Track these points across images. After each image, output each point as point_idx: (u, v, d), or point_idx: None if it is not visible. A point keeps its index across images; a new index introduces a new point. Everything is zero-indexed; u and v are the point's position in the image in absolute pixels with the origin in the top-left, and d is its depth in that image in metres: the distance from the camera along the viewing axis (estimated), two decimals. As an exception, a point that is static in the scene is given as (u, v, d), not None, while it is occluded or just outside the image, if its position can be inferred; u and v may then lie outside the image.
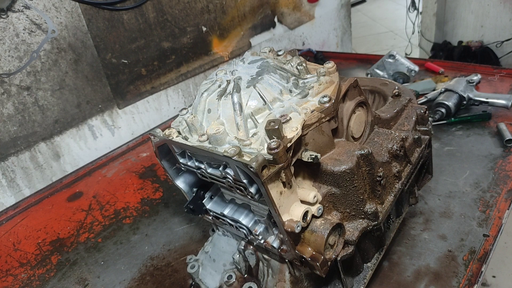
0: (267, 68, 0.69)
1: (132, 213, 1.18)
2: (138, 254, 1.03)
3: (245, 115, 0.62)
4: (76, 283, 0.97)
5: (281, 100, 0.65)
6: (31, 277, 1.01)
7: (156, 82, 1.61)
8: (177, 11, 1.59)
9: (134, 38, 1.48)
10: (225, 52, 1.83)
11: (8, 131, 1.25)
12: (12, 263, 1.06)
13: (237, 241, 0.81)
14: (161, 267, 0.98)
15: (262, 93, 0.64)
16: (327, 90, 0.67)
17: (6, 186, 1.29)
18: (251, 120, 0.62)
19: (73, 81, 1.36)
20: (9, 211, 1.25)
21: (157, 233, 1.09)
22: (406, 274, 0.83)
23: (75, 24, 1.32)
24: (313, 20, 2.32)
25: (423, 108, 0.85)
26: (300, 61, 0.71)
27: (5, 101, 1.22)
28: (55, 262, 1.05)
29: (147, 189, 1.27)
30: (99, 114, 1.47)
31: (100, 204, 1.24)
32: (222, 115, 0.64)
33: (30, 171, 1.33)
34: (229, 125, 0.63)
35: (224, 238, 0.84)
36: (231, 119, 0.63)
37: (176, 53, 1.64)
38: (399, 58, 1.60)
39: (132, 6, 1.44)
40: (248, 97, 0.63)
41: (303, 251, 0.65)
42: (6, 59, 1.19)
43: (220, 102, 0.65)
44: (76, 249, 1.08)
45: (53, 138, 1.37)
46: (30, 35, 1.22)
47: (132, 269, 0.98)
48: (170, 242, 1.05)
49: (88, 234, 1.12)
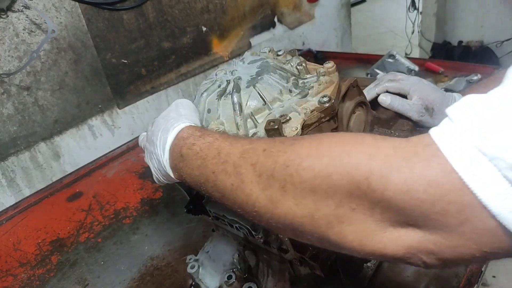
0: (267, 68, 0.69)
1: (132, 213, 1.18)
2: (138, 254, 1.03)
3: (245, 115, 0.63)
4: (76, 283, 0.97)
5: (281, 100, 0.65)
6: (31, 277, 1.01)
7: (156, 82, 1.61)
8: (177, 11, 1.59)
9: (134, 38, 1.48)
10: (225, 52, 1.83)
11: (8, 131, 1.25)
12: (12, 263, 1.06)
13: (236, 241, 0.81)
14: (161, 267, 0.98)
15: (262, 93, 0.64)
16: (327, 90, 0.67)
17: (6, 186, 1.29)
18: (251, 120, 0.63)
19: (73, 81, 1.36)
20: (9, 211, 1.25)
21: (157, 233, 1.09)
22: (406, 274, 0.83)
23: (75, 24, 1.32)
24: (313, 20, 2.32)
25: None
26: (300, 61, 0.71)
27: (5, 101, 1.22)
28: (55, 262, 1.05)
29: (147, 189, 1.27)
30: (99, 114, 1.47)
31: (100, 204, 1.24)
32: (222, 115, 0.64)
33: (30, 171, 1.33)
34: (229, 125, 0.63)
35: (224, 238, 0.84)
36: (231, 119, 0.63)
37: (176, 53, 1.64)
38: (399, 58, 1.60)
39: (132, 6, 1.44)
40: (248, 97, 0.64)
41: (303, 251, 0.65)
42: (6, 59, 1.19)
43: (220, 102, 0.65)
44: (76, 249, 1.08)
45: (53, 138, 1.37)
46: (30, 35, 1.22)
47: (132, 269, 0.98)
48: (170, 242, 1.05)
49: (88, 234, 1.12)
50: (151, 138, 0.62)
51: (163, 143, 0.58)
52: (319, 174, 0.39)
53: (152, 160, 0.63)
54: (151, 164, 0.64)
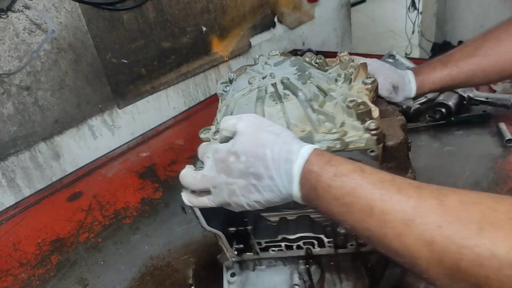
0: (301, 64, 0.70)
1: (132, 213, 1.18)
2: (138, 254, 1.03)
3: (316, 109, 0.62)
4: (76, 283, 0.97)
5: (333, 90, 0.66)
6: (31, 277, 1.01)
7: (156, 82, 1.61)
8: (177, 11, 1.59)
9: (134, 38, 1.48)
10: (225, 52, 1.83)
11: (8, 131, 1.25)
12: (12, 263, 1.06)
13: (292, 264, 0.74)
14: (161, 267, 0.98)
15: (320, 85, 0.65)
16: (359, 73, 0.72)
17: (6, 186, 1.29)
18: (322, 114, 0.62)
19: (73, 81, 1.36)
20: (9, 211, 1.26)
21: (157, 233, 1.09)
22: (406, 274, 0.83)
23: (75, 24, 1.32)
24: (313, 20, 2.32)
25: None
26: (315, 56, 0.75)
27: (5, 101, 1.22)
28: (55, 262, 1.05)
29: (147, 189, 1.27)
30: (99, 114, 1.47)
31: (100, 204, 1.24)
32: (291, 117, 0.62)
33: (30, 171, 1.33)
34: (302, 125, 0.61)
35: (268, 272, 0.76)
36: (302, 119, 0.62)
37: (176, 53, 1.64)
38: (399, 58, 1.59)
39: (132, 6, 1.43)
40: (310, 92, 0.63)
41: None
42: (6, 59, 1.19)
43: (282, 105, 0.63)
44: (76, 249, 1.08)
45: (53, 138, 1.37)
46: (30, 35, 1.22)
47: (132, 269, 0.98)
48: (170, 242, 1.05)
49: (88, 234, 1.12)
50: (247, 171, 0.53)
51: (286, 173, 0.51)
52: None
53: (252, 194, 0.54)
54: (251, 197, 0.55)
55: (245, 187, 0.54)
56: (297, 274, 0.72)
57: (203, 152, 0.61)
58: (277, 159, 0.52)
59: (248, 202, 0.55)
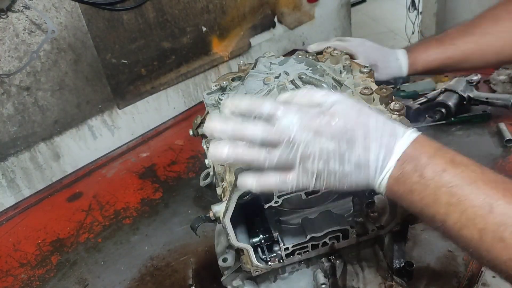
0: (308, 60, 0.74)
1: (132, 213, 1.18)
2: (138, 254, 1.03)
3: None
4: (76, 283, 0.97)
5: (344, 81, 0.71)
6: (31, 278, 1.01)
7: (156, 82, 1.61)
8: (177, 11, 1.59)
9: (134, 38, 1.48)
10: (225, 52, 1.82)
11: (8, 131, 1.25)
12: (12, 264, 1.06)
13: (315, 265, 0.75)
14: (161, 267, 0.98)
15: (335, 77, 0.70)
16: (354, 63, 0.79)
17: (6, 186, 1.29)
18: None
19: (73, 81, 1.36)
20: (9, 211, 1.26)
21: (157, 233, 1.09)
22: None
23: (75, 24, 1.32)
24: (313, 20, 2.32)
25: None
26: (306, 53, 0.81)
27: (5, 102, 1.22)
28: (55, 262, 1.05)
29: (147, 189, 1.27)
30: (99, 114, 1.47)
31: (100, 204, 1.23)
32: None
33: (30, 171, 1.33)
34: None
35: (290, 279, 0.75)
36: None
37: (176, 53, 1.64)
38: (399, 58, 1.59)
39: (132, 6, 1.43)
40: (329, 84, 0.67)
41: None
42: (6, 59, 1.19)
43: None
44: (76, 249, 1.08)
45: (53, 139, 1.37)
46: (30, 35, 1.22)
47: (132, 269, 0.98)
48: (170, 242, 1.05)
49: (88, 234, 1.12)
50: (342, 135, 0.46)
51: (387, 147, 0.47)
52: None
53: (330, 161, 0.46)
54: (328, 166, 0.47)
55: (331, 152, 0.46)
56: (321, 273, 0.72)
57: (265, 106, 0.47)
58: (381, 130, 0.48)
59: (320, 170, 0.47)
